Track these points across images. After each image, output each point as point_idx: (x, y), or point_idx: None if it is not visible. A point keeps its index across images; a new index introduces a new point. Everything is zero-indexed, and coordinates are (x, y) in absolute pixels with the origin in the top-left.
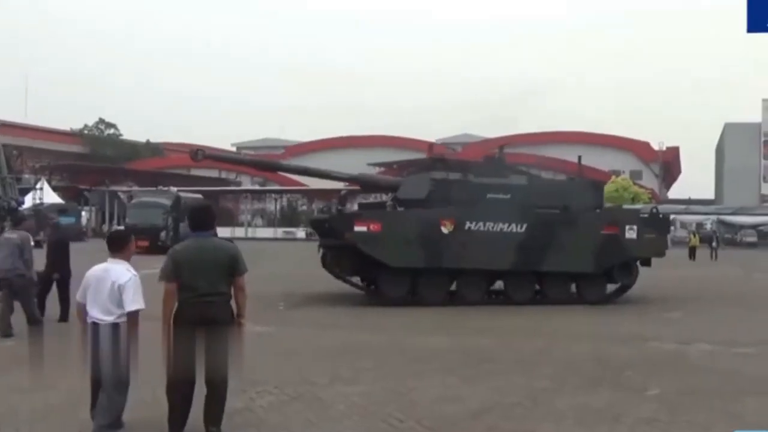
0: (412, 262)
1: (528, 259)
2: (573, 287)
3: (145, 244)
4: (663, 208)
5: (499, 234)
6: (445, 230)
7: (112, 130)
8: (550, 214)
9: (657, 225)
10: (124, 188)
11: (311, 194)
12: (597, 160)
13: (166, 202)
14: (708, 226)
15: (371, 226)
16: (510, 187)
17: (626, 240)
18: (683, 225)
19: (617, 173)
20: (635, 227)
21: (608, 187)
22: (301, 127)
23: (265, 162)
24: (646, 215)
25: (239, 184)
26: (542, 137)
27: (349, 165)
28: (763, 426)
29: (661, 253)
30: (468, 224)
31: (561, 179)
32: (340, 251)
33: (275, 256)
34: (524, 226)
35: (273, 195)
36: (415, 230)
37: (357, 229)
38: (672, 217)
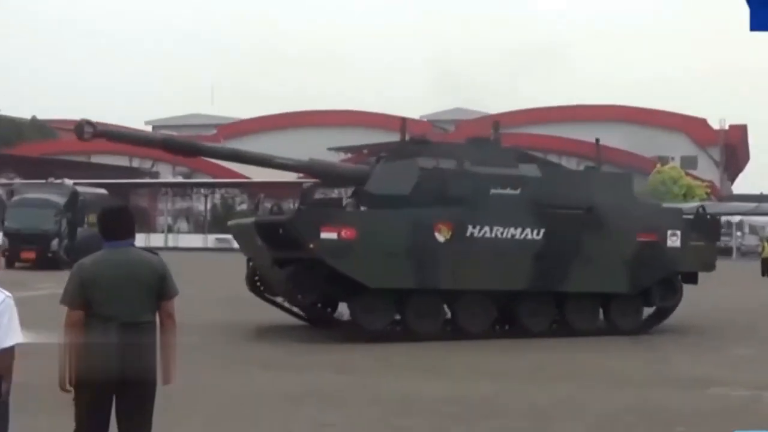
0: (399, 281)
1: (547, 275)
2: (600, 312)
3: (31, 255)
4: (726, 206)
5: (511, 242)
6: (440, 238)
7: None
8: (573, 215)
9: (705, 229)
10: (3, 181)
11: (254, 189)
12: (637, 142)
13: (59, 199)
14: None
15: (343, 233)
16: (519, 180)
17: (668, 249)
18: (753, 229)
19: (664, 160)
20: (679, 232)
21: (652, 179)
22: (238, 101)
23: (182, 142)
24: (690, 216)
25: (157, 175)
26: (562, 113)
27: (303, 150)
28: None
29: (710, 266)
30: (470, 229)
31: (580, 169)
32: (299, 268)
33: (205, 273)
34: (541, 231)
35: (202, 190)
36: (401, 238)
37: (324, 235)
38: (737, 218)
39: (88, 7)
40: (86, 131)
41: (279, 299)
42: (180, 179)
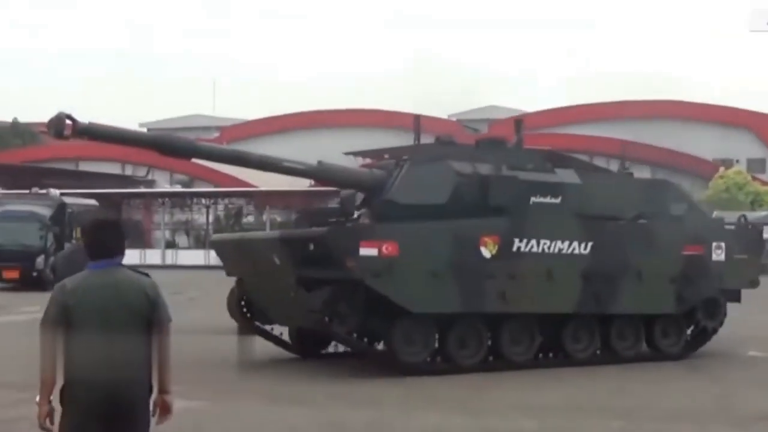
0: (443, 304)
1: (596, 295)
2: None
3: (15, 274)
4: None
5: (558, 258)
6: (486, 253)
7: None
8: (620, 226)
9: (748, 241)
10: None
11: (262, 199)
12: (696, 143)
13: (45, 211)
14: None
15: (384, 248)
16: (560, 187)
17: (713, 264)
18: None
19: (728, 163)
20: (723, 245)
21: (714, 185)
22: (243, 101)
23: (177, 142)
24: (731, 227)
25: (152, 184)
26: (607, 110)
27: (315, 154)
28: None
29: (754, 282)
30: (517, 243)
31: (616, 174)
32: (338, 291)
33: (207, 294)
34: (589, 245)
35: (203, 201)
36: (445, 254)
37: (364, 252)
38: None
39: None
40: (64, 130)
41: (270, 328)
42: (178, 188)
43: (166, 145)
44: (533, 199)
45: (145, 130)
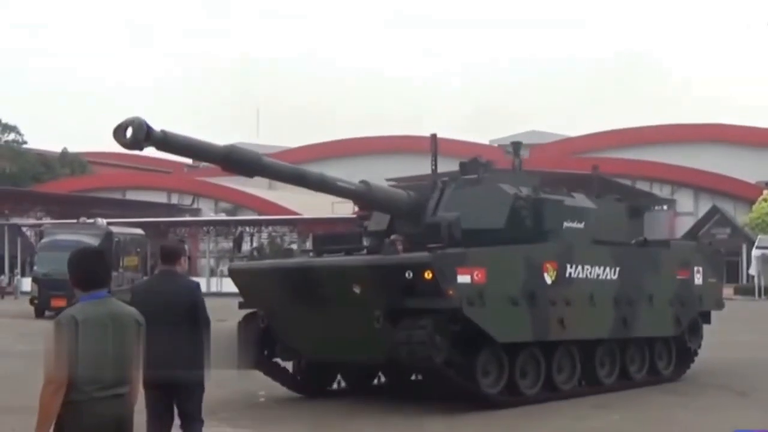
0: (521, 332)
1: (624, 320)
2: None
3: (62, 303)
4: None
5: (596, 284)
6: (548, 279)
7: (11, 136)
8: (635, 251)
9: (715, 265)
10: (31, 221)
11: (305, 227)
12: (739, 166)
13: (92, 240)
14: None
15: (475, 275)
16: (583, 212)
17: (695, 287)
18: None
19: None
20: (701, 269)
21: (758, 208)
22: (286, 129)
23: (246, 156)
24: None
25: (198, 213)
26: (650, 134)
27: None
28: None
29: (720, 304)
30: (568, 269)
31: (611, 198)
32: (439, 322)
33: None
34: (617, 270)
35: (247, 228)
36: (520, 280)
37: (461, 279)
38: None
39: (123, 32)
40: (135, 136)
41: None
42: (223, 216)
43: (236, 159)
44: (565, 224)
45: (190, 159)
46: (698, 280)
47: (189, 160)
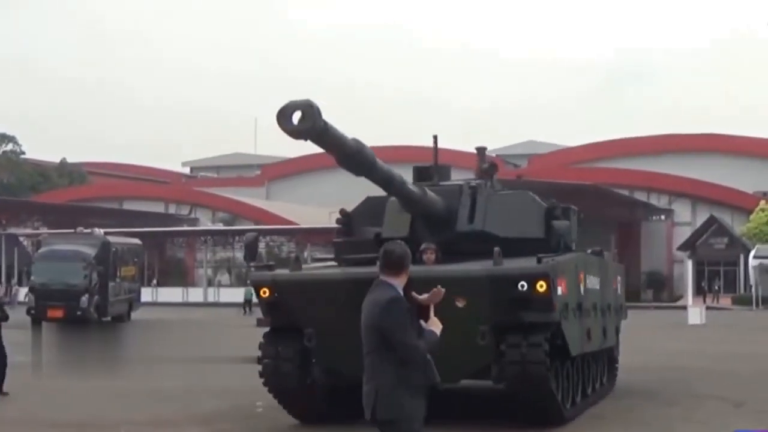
0: (584, 345)
1: (604, 330)
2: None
3: (59, 313)
4: None
5: (595, 294)
6: (582, 290)
7: (9, 146)
8: (601, 261)
9: (622, 274)
10: (29, 231)
11: (302, 236)
12: (736, 176)
13: (89, 250)
14: None
15: (561, 286)
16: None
17: (620, 296)
18: None
19: None
20: (619, 278)
21: (755, 218)
22: (284, 140)
23: (369, 155)
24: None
25: (195, 222)
26: (647, 144)
27: (356, 191)
28: None
29: (626, 314)
30: (585, 279)
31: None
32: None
33: (240, 331)
34: (598, 280)
35: (245, 238)
36: (576, 291)
37: (559, 290)
38: None
39: (120, 43)
40: (306, 123)
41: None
42: (221, 226)
43: (360, 158)
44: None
45: (188, 169)
46: (620, 289)
47: (187, 170)
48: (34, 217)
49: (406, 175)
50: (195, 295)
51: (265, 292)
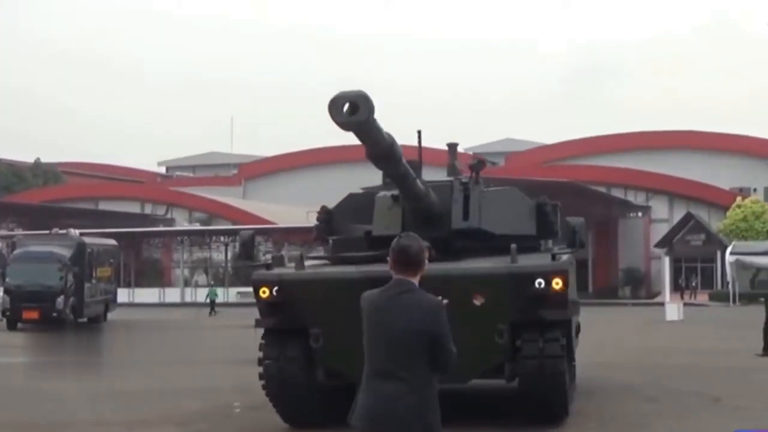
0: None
1: None
2: None
3: (35, 315)
4: None
5: None
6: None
7: None
8: None
9: None
10: (3, 232)
11: (280, 236)
12: (713, 173)
13: (65, 251)
14: None
15: (564, 284)
16: None
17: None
18: None
19: (745, 192)
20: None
21: (731, 214)
22: (260, 139)
23: (398, 154)
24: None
25: (172, 223)
26: (624, 141)
27: (334, 189)
28: None
29: None
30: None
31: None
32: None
33: (216, 330)
34: None
35: (222, 238)
36: (572, 288)
37: (570, 288)
38: None
39: (93, 42)
40: (358, 114)
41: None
42: (197, 226)
43: (393, 154)
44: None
45: (164, 169)
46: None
47: (163, 170)
48: (9, 218)
49: (376, 173)
50: (172, 295)
51: (267, 292)
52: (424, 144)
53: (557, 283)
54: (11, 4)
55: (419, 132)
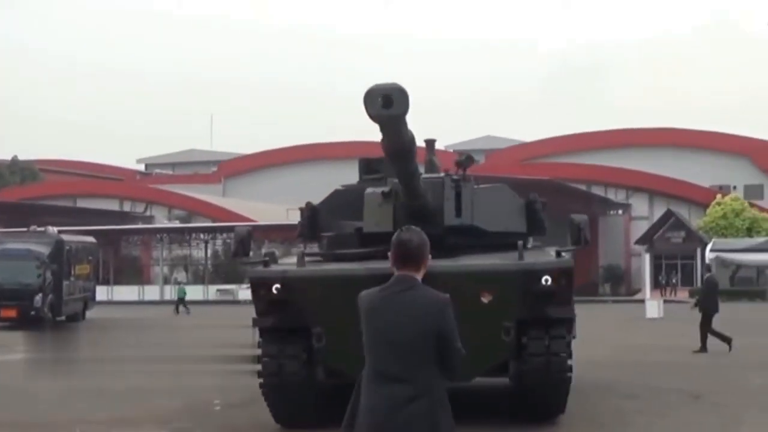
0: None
1: None
2: None
3: (12, 313)
4: None
5: None
6: None
7: None
8: None
9: None
10: None
11: (261, 233)
12: (693, 170)
13: (43, 249)
14: None
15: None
16: None
17: None
18: None
19: (725, 190)
20: None
21: (711, 211)
22: (240, 137)
23: (414, 150)
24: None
25: (151, 220)
26: (605, 139)
27: (313, 186)
28: None
29: None
30: None
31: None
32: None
33: (195, 329)
34: None
35: (201, 236)
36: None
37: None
38: None
39: (72, 40)
40: (396, 110)
41: None
42: (177, 224)
43: (413, 149)
44: None
45: (143, 166)
46: None
47: (142, 167)
48: None
49: (355, 170)
50: (151, 293)
51: (269, 290)
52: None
53: (564, 280)
54: None
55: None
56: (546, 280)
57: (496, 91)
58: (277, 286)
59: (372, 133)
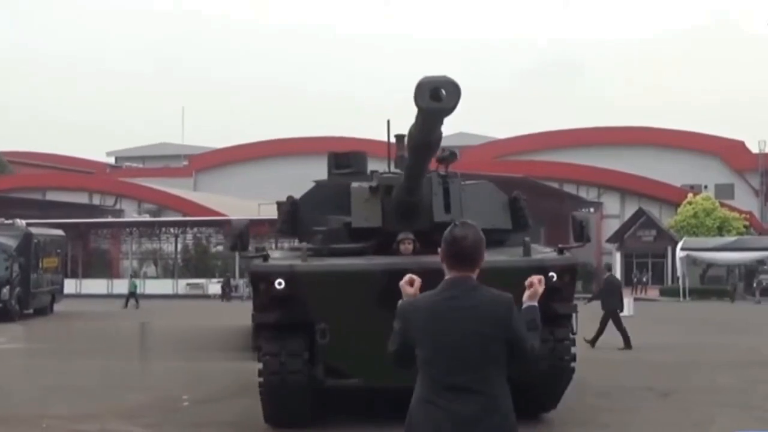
0: None
1: None
2: None
3: None
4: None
5: None
6: None
7: None
8: None
9: None
10: None
11: (229, 229)
12: (664, 169)
13: (10, 241)
14: None
15: None
16: None
17: None
18: None
19: (696, 189)
20: None
21: (683, 211)
22: (212, 130)
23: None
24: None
25: (120, 214)
26: (577, 137)
27: (285, 181)
28: None
29: None
30: None
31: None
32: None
33: (165, 324)
34: None
35: (171, 230)
36: None
37: None
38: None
39: (41, 32)
40: (448, 102)
41: None
42: (147, 218)
43: (437, 145)
44: None
45: (113, 159)
46: None
47: (112, 160)
48: None
49: (323, 164)
50: (120, 286)
51: (272, 284)
52: (373, 137)
53: (568, 277)
54: None
55: (388, 121)
56: (552, 276)
57: (470, 87)
58: (281, 281)
59: (341, 128)
